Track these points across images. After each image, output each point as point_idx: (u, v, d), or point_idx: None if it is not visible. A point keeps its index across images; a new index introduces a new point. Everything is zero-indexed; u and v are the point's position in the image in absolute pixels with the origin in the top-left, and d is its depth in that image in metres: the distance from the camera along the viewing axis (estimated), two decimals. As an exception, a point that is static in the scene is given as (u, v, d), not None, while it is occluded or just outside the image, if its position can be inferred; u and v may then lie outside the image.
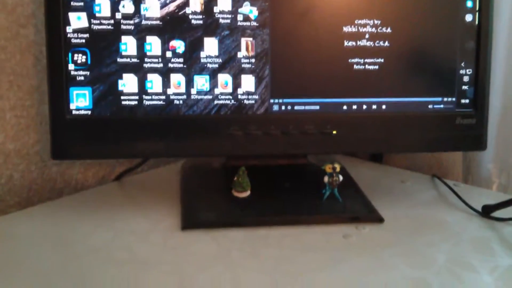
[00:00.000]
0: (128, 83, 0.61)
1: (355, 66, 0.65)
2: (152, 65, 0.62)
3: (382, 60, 0.65)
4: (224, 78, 0.63)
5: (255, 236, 0.60)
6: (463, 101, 0.67)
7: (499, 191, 0.82)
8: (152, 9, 0.61)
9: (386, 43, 0.65)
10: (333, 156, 0.80)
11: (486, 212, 0.66)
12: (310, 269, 0.53)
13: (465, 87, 0.67)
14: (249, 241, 0.58)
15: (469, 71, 0.67)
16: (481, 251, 0.57)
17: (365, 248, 0.58)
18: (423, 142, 0.67)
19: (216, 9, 0.62)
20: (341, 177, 0.66)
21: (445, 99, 0.67)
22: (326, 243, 0.59)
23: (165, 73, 0.62)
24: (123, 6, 0.60)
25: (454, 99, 0.67)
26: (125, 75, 0.61)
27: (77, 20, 0.59)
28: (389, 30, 0.65)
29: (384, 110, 0.66)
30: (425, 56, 0.67)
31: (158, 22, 0.61)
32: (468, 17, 0.66)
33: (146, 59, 0.61)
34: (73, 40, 0.60)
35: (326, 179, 0.66)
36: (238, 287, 0.50)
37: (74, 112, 0.61)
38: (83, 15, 0.59)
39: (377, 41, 0.65)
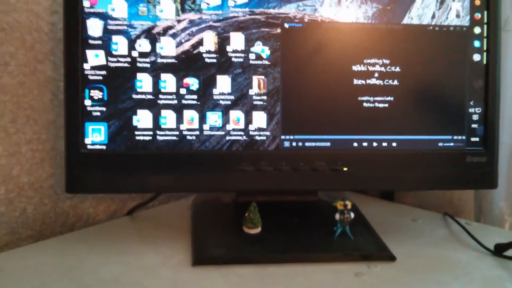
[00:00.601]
0: (142, 118, 0.63)
1: (365, 104, 0.66)
2: (167, 101, 0.63)
3: (392, 98, 0.66)
4: (236, 115, 0.64)
5: (264, 273, 0.59)
6: (473, 139, 0.68)
7: (511, 229, 0.81)
8: (168, 48, 0.62)
9: (396, 82, 0.66)
10: (344, 193, 0.80)
11: (499, 250, 0.65)
12: (321, 307, 0.52)
13: (474, 125, 0.68)
14: (259, 279, 0.58)
15: (478, 109, 0.68)
16: (495, 291, 0.56)
17: (377, 287, 0.57)
18: (433, 180, 0.67)
19: (229, 48, 0.63)
20: (352, 214, 0.66)
21: (455, 137, 0.68)
22: (337, 281, 0.58)
23: (179, 109, 0.63)
24: (140, 45, 0.62)
25: (464, 137, 0.68)
26: (139, 111, 0.63)
27: (95, 58, 0.61)
28: (398, 69, 0.66)
29: (394, 148, 0.67)
30: (434, 94, 0.67)
31: (173, 60, 0.63)
32: (476, 57, 0.67)
33: (160, 96, 0.63)
34: (90, 77, 0.61)
35: (337, 216, 0.66)
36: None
37: (89, 146, 0.62)
38: (101, 52, 0.61)
39: (387, 80, 0.66)
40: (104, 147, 0.62)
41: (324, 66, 0.65)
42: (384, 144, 0.67)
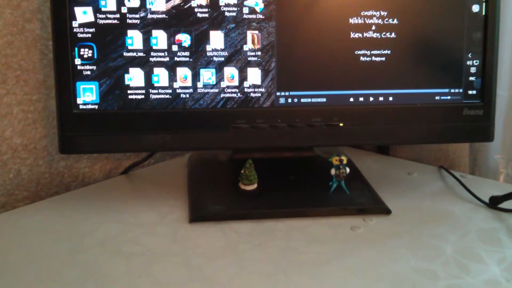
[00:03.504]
0: (134, 77, 0.61)
1: (362, 58, 0.65)
2: (158, 59, 0.62)
3: (389, 52, 0.65)
4: (230, 72, 0.63)
5: (262, 228, 0.60)
6: (470, 92, 0.67)
7: (506, 182, 0.81)
8: (158, 3, 0.60)
9: (393, 35, 0.65)
10: (340, 148, 0.80)
11: (493, 203, 0.66)
12: (318, 260, 0.53)
13: (472, 78, 0.67)
14: (256, 234, 0.59)
15: (476, 62, 0.67)
16: (488, 242, 0.57)
17: (372, 239, 0.58)
18: (429, 133, 0.67)
19: (221, 2, 0.61)
20: (348, 169, 0.66)
21: (452, 90, 0.67)
22: (333, 235, 0.59)
23: (171, 67, 0.62)
24: (129, 0, 0.60)
25: (461, 90, 0.67)
26: (131, 69, 0.61)
27: (83, 15, 0.59)
28: (395, 21, 0.65)
29: (391, 102, 0.66)
30: (432, 47, 0.66)
31: (163, 15, 0.61)
32: (475, 8, 0.66)
33: (152, 53, 0.61)
34: (79, 35, 0.60)
35: (333, 171, 0.66)
36: (245, 279, 0.50)
37: (81, 106, 0.61)
38: (89, 9, 0.59)
39: (384, 33, 0.65)
40: (96, 106, 0.61)
41: (320, 20, 0.63)
42: (381, 98, 0.66)
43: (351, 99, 0.66)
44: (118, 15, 0.60)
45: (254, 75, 0.64)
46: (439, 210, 0.66)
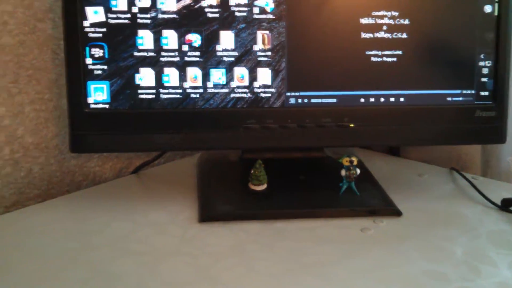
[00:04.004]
0: (145, 76, 0.62)
1: (373, 58, 0.64)
2: (169, 58, 0.62)
3: (400, 52, 0.65)
4: (240, 72, 0.63)
5: (271, 229, 0.60)
6: (482, 93, 0.66)
7: (518, 184, 0.80)
8: (168, 3, 0.61)
9: (404, 35, 0.64)
10: (350, 149, 0.80)
11: (505, 205, 0.65)
12: (327, 261, 0.53)
13: (484, 79, 0.66)
14: (265, 234, 0.59)
15: (489, 63, 0.66)
16: (500, 245, 0.56)
17: (382, 241, 0.58)
18: (441, 135, 0.67)
19: (232, 2, 0.61)
20: (358, 170, 0.65)
21: (464, 91, 0.66)
22: (343, 236, 0.59)
23: (182, 67, 0.62)
24: (140, 0, 0.60)
25: (473, 91, 0.66)
26: (142, 69, 0.62)
27: (94, 14, 0.60)
28: (407, 21, 0.64)
29: (402, 103, 0.66)
30: (444, 48, 0.66)
31: (174, 15, 0.61)
32: (487, 8, 0.65)
33: (162, 53, 0.62)
34: (90, 34, 0.60)
35: (343, 172, 0.65)
36: (254, 279, 0.50)
37: (92, 105, 0.61)
38: (100, 9, 0.60)
39: (395, 33, 0.64)
40: (107, 105, 0.62)
41: (331, 20, 0.63)
42: (392, 99, 0.66)
43: (362, 100, 0.65)
44: (129, 15, 0.60)
45: (264, 75, 0.63)
46: (450, 212, 0.65)
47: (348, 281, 0.50)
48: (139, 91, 0.62)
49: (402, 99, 0.66)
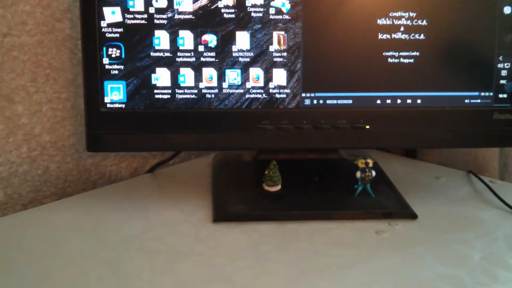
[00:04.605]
0: (161, 77, 0.62)
1: (390, 60, 0.64)
2: (185, 59, 0.62)
3: (418, 54, 0.64)
4: (256, 72, 0.63)
5: (285, 230, 0.60)
6: (501, 95, 0.66)
7: (537, 188, 0.79)
8: (185, 3, 0.61)
9: (422, 36, 0.64)
10: (366, 151, 0.79)
11: (524, 210, 0.64)
12: (341, 264, 0.53)
13: (503, 82, 0.65)
14: (279, 235, 0.58)
15: (507, 65, 0.65)
16: (518, 250, 0.56)
17: (398, 244, 0.57)
18: (459, 137, 0.66)
19: (248, 3, 0.61)
20: (373, 173, 0.65)
21: (482, 93, 0.66)
22: (357, 238, 0.58)
23: (197, 67, 0.62)
24: (156, 1, 0.60)
25: (491, 93, 0.66)
26: (158, 69, 0.62)
27: (112, 15, 0.60)
28: (424, 22, 0.63)
29: (419, 105, 0.65)
30: (462, 49, 0.65)
31: (190, 16, 0.61)
32: (507, 9, 0.64)
33: (178, 53, 0.62)
34: (108, 35, 0.60)
35: (358, 174, 0.65)
36: (267, 280, 0.50)
37: (108, 105, 0.62)
38: (117, 9, 0.60)
39: (413, 34, 0.64)
40: (123, 105, 0.62)
41: (347, 20, 0.63)
42: (409, 101, 0.65)
43: (378, 101, 0.65)
44: (145, 15, 0.61)
45: (280, 76, 0.63)
46: (467, 215, 0.64)
47: (362, 285, 0.49)
48: (155, 91, 0.62)
49: (419, 101, 0.65)
